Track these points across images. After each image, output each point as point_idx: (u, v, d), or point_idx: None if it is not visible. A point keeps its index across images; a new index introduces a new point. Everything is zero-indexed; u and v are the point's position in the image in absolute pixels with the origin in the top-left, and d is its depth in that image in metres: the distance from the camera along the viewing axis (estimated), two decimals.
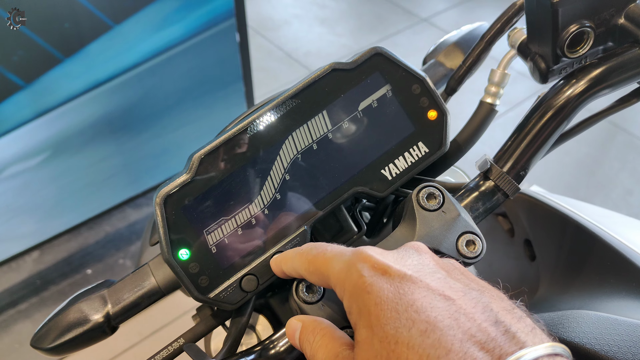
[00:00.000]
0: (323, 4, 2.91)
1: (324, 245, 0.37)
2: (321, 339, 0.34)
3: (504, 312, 0.30)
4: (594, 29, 0.46)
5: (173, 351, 0.46)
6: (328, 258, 0.35)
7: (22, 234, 1.54)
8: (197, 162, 0.44)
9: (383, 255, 0.33)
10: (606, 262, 0.54)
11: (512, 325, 0.29)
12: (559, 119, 0.47)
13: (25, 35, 1.22)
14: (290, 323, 0.38)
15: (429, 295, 0.30)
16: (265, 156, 0.45)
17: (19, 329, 1.55)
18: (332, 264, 0.34)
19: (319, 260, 0.36)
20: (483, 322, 0.28)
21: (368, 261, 0.32)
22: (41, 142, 1.41)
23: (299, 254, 0.39)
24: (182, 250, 0.43)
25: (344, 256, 0.34)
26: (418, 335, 0.28)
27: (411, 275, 0.31)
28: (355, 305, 0.31)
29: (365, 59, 0.48)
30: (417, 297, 0.29)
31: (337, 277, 0.34)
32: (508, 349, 0.27)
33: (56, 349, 0.46)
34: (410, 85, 0.48)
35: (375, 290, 0.30)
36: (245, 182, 0.45)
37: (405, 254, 0.34)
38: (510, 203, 0.69)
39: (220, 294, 0.44)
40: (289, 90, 0.46)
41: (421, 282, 0.30)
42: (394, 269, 0.31)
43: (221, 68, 1.62)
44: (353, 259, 0.33)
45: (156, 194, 0.43)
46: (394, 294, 0.30)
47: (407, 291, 0.30)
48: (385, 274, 0.31)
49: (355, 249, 0.34)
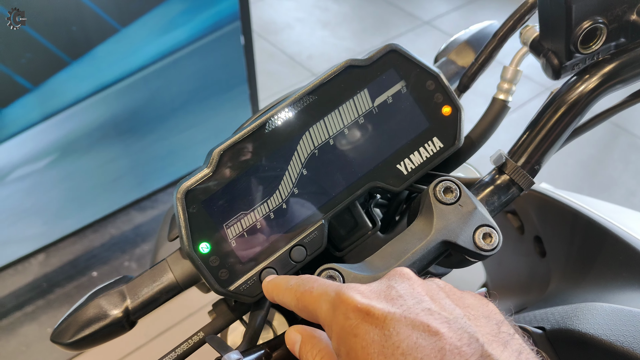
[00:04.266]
0: (325, 7, 2.92)
1: (311, 282, 0.37)
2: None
3: (490, 341, 0.30)
4: (607, 25, 0.46)
5: (193, 344, 0.47)
6: (315, 297, 0.35)
7: (29, 236, 1.54)
8: (218, 157, 0.45)
9: (365, 294, 0.33)
10: (618, 256, 0.54)
11: (499, 358, 0.29)
12: (572, 114, 0.48)
13: (33, 38, 1.23)
14: (289, 334, 0.38)
15: (414, 333, 0.30)
16: (283, 151, 0.46)
17: (25, 331, 1.56)
18: (320, 304, 0.35)
19: (307, 299, 0.36)
20: (470, 356, 0.29)
21: (351, 304, 0.32)
22: (48, 145, 1.42)
23: (288, 289, 0.39)
24: (202, 244, 0.44)
25: (329, 296, 0.34)
26: None
27: (394, 313, 0.31)
28: (343, 349, 0.32)
29: (380, 56, 0.48)
30: (402, 337, 0.29)
31: (325, 319, 0.34)
32: None
33: (76, 344, 0.46)
34: (425, 81, 0.49)
35: (361, 334, 0.31)
36: (264, 177, 0.46)
37: (388, 286, 0.34)
38: (520, 200, 0.70)
39: (240, 286, 0.45)
40: (306, 87, 0.47)
41: (405, 319, 0.30)
42: (377, 310, 0.31)
43: (226, 71, 1.63)
44: (337, 302, 0.33)
45: (177, 189, 0.44)
46: (379, 337, 0.30)
47: (392, 332, 0.30)
48: (369, 315, 0.31)
49: (339, 289, 0.34)
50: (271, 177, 0.46)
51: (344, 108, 0.48)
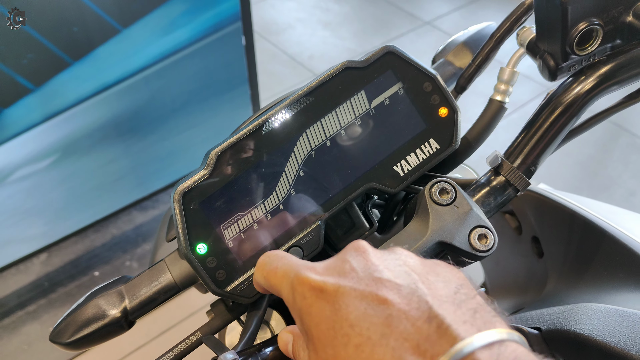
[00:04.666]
0: (326, 7, 2.93)
1: (276, 260, 0.37)
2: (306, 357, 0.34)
3: (441, 302, 0.29)
4: (603, 26, 0.46)
5: (190, 344, 0.47)
6: (279, 278, 0.36)
7: (30, 236, 1.55)
8: (215, 159, 0.45)
9: (319, 272, 0.33)
10: (615, 257, 0.55)
11: (447, 316, 0.28)
12: (568, 116, 0.48)
13: (35, 38, 1.24)
14: (281, 336, 0.38)
15: (363, 304, 0.29)
16: (280, 153, 0.46)
17: (27, 330, 1.56)
18: (282, 285, 0.35)
19: (272, 279, 0.37)
20: (417, 320, 0.28)
21: (306, 283, 0.32)
22: (49, 145, 1.43)
23: (258, 268, 0.39)
24: (199, 245, 0.44)
25: (289, 277, 0.34)
26: (353, 350, 0.28)
27: (345, 286, 0.31)
28: (302, 328, 0.32)
29: (377, 58, 0.49)
30: (351, 309, 0.29)
31: (287, 301, 0.34)
32: (439, 348, 0.26)
33: (74, 344, 0.46)
34: (422, 83, 0.49)
35: (314, 311, 0.31)
36: (261, 178, 0.46)
37: (343, 260, 0.33)
38: (518, 201, 0.70)
39: (237, 287, 0.45)
40: (303, 88, 0.47)
41: (355, 291, 0.30)
42: (329, 285, 0.31)
43: (227, 71, 1.63)
44: (295, 283, 0.33)
45: (174, 190, 0.44)
46: (330, 312, 0.30)
47: (341, 305, 0.30)
48: (322, 292, 0.31)
49: (296, 270, 0.34)
50: (268, 179, 0.46)
51: (341, 109, 0.48)
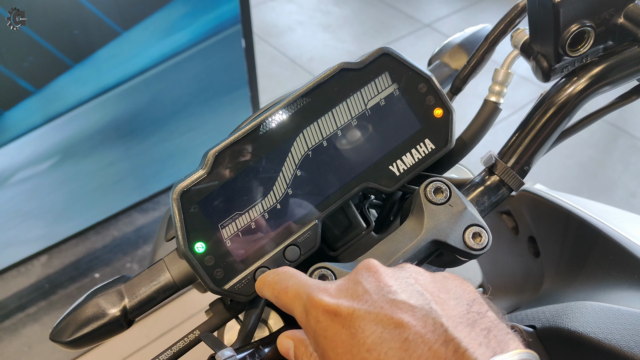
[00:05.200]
0: (326, 10, 2.94)
1: (286, 280, 0.38)
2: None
3: (455, 324, 0.30)
4: (595, 28, 0.47)
5: (189, 342, 0.47)
6: (290, 298, 0.36)
7: (31, 238, 1.56)
8: (213, 158, 0.45)
9: (333, 295, 0.33)
10: (609, 256, 0.55)
11: (463, 340, 0.28)
12: (560, 116, 0.49)
13: (36, 41, 1.25)
14: (281, 341, 0.39)
15: (379, 327, 0.30)
16: (278, 153, 0.47)
17: (27, 332, 1.57)
18: (295, 305, 0.35)
19: (283, 298, 0.37)
20: (434, 344, 0.28)
21: (320, 306, 0.33)
22: (50, 147, 1.43)
23: (267, 285, 0.40)
24: (198, 244, 0.45)
25: (301, 299, 0.35)
26: None
27: (359, 310, 0.31)
28: (318, 350, 0.33)
29: (373, 59, 0.49)
30: (367, 333, 0.30)
31: (300, 321, 0.35)
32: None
33: (74, 342, 0.47)
34: (417, 84, 0.50)
35: (330, 335, 0.31)
36: (259, 178, 0.47)
37: (355, 282, 0.34)
38: (514, 201, 0.71)
39: (235, 285, 0.46)
40: (300, 90, 0.48)
41: (370, 314, 0.31)
42: (344, 309, 0.32)
43: (227, 73, 1.64)
44: (308, 305, 0.33)
45: (173, 190, 0.45)
46: (347, 336, 0.30)
47: (357, 330, 0.30)
48: (337, 316, 0.31)
49: (309, 291, 0.34)
50: (266, 178, 0.47)
51: (338, 110, 0.48)
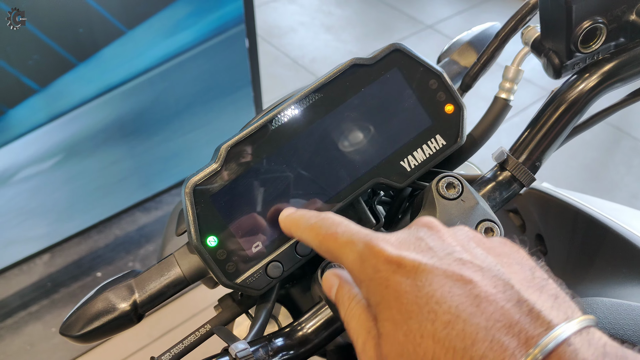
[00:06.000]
0: (329, 11, 2.94)
1: (335, 225, 0.36)
2: (355, 307, 0.34)
3: (525, 287, 0.29)
4: (607, 25, 0.47)
5: (200, 336, 0.47)
6: (340, 244, 0.35)
7: (34, 236, 1.56)
8: (225, 152, 0.46)
9: (395, 245, 0.32)
10: (618, 253, 0.55)
11: (536, 303, 0.28)
12: (572, 112, 0.49)
13: (40, 39, 1.25)
14: (327, 277, 0.38)
15: (448, 282, 0.29)
16: (289, 147, 0.47)
17: (29, 330, 1.57)
18: (345, 252, 0.34)
19: (330, 243, 0.36)
20: (506, 303, 0.28)
21: (381, 256, 0.31)
22: (54, 146, 1.43)
23: (310, 228, 0.38)
24: (210, 238, 0.45)
25: (355, 246, 0.33)
26: (442, 327, 0.28)
27: (426, 264, 0.30)
28: (373, 298, 0.31)
29: (384, 55, 0.49)
30: (435, 287, 0.29)
31: (351, 267, 0.33)
32: (534, 331, 0.26)
33: (84, 337, 0.47)
34: (428, 80, 0.50)
35: (392, 284, 0.30)
36: (270, 172, 0.47)
37: (417, 238, 0.33)
38: (522, 199, 0.71)
39: (247, 279, 0.46)
40: (312, 85, 0.48)
41: (437, 269, 0.30)
42: (408, 261, 0.30)
43: (230, 73, 1.64)
44: (365, 253, 0.32)
45: (185, 184, 0.45)
46: (412, 287, 0.29)
47: (424, 283, 0.29)
48: (400, 267, 0.30)
49: (367, 239, 0.33)
50: (277, 172, 0.47)
51: (348, 106, 0.49)
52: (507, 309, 0.28)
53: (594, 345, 0.26)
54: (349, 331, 0.34)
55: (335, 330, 0.46)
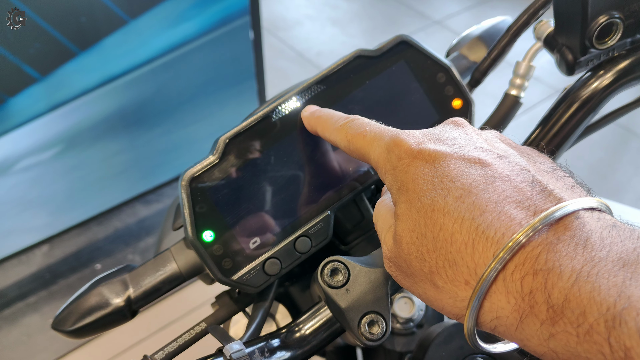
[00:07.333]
0: (335, 4, 2.92)
1: (363, 125, 0.38)
2: (382, 209, 0.37)
3: (542, 173, 0.30)
4: (623, 20, 0.45)
5: (195, 334, 0.46)
6: (368, 141, 0.37)
7: (33, 227, 1.54)
8: (223, 145, 0.44)
9: (419, 138, 0.33)
10: None
11: (550, 184, 0.28)
12: (585, 111, 0.47)
13: (42, 28, 1.23)
14: None
15: (464, 164, 0.30)
16: (290, 141, 0.45)
17: (27, 321, 1.56)
18: (372, 147, 0.36)
19: (359, 141, 0.37)
20: (519, 183, 0.28)
21: (405, 145, 0.33)
22: (54, 135, 1.42)
23: (338, 129, 0.40)
24: (206, 232, 0.43)
25: (382, 140, 0.35)
26: (453, 201, 0.29)
27: (445, 151, 0.31)
28: (394, 185, 0.33)
29: (390, 47, 0.48)
30: (452, 167, 0.30)
31: (377, 161, 0.35)
32: (544, 205, 0.27)
33: (77, 332, 0.46)
34: (435, 73, 0.48)
35: (412, 169, 0.32)
36: (270, 166, 0.45)
37: (442, 131, 0.34)
38: None
39: (244, 276, 0.44)
40: (315, 76, 0.47)
41: (456, 154, 0.31)
42: (429, 150, 0.32)
43: (234, 65, 1.63)
44: (391, 145, 0.34)
45: (182, 177, 0.43)
46: (429, 169, 0.31)
47: (442, 164, 0.30)
48: (421, 153, 0.32)
49: (393, 133, 0.35)
50: (278, 166, 0.45)
51: (353, 98, 0.47)
52: (521, 187, 0.28)
53: (602, 220, 0.26)
54: (377, 232, 0.36)
55: (334, 332, 0.44)
